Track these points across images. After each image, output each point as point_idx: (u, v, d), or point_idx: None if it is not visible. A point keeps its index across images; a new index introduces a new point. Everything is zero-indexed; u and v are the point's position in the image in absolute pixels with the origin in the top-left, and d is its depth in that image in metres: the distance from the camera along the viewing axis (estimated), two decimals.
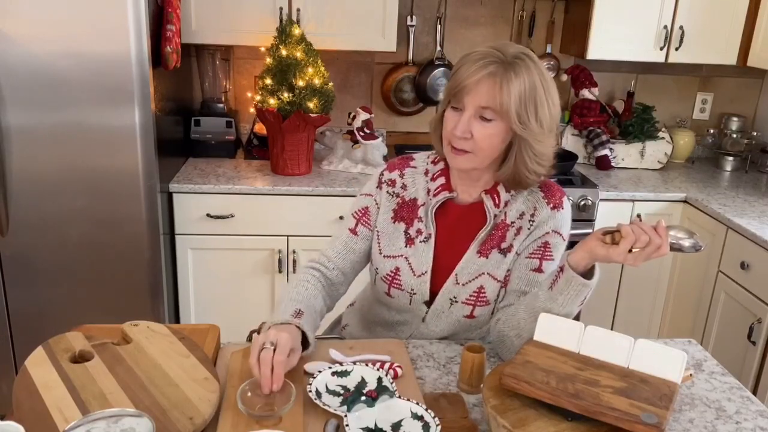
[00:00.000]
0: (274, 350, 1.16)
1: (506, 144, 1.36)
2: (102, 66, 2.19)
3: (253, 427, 1.07)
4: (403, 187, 1.50)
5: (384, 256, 1.49)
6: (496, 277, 1.43)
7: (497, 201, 1.43)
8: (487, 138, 1.32)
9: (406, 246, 1.47)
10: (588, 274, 1.25)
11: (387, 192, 1.51)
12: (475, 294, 1.43)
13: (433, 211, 1.45)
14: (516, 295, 1.42)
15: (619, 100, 3.24)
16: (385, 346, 1.41)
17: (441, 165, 1.49)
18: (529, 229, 1.42)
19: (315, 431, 1.11)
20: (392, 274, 1.48)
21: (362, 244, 1.53)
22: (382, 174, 1.53)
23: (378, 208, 1.51)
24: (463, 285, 1.44)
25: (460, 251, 1.44)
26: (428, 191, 1.48)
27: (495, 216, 1.43)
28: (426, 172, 1.50)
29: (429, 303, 1.47)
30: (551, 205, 1.42)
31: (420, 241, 1.46)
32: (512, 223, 1.43)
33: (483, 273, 1.43)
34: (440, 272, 1.45)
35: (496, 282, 1.43)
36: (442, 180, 1.47)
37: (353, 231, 1.53)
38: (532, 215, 1.42)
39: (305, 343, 1.29)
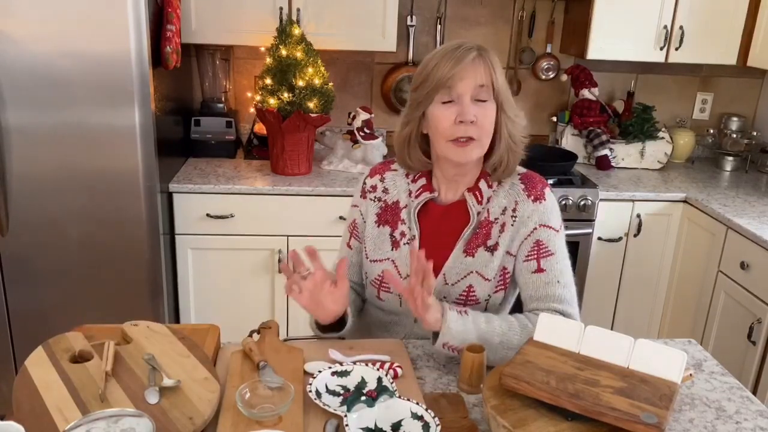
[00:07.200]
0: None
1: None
2: (102, 66, 2.19)
3: (253, 427, 1.07)
4: (385, 191, 1.51)
5: (371, 261, 1.51)
6: (485, 276, 1.42)
7: (479, 198, 1.43)
8: (488, 118, 1.36)
9: (392, 249, 1.48)
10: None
11: (370, 198, 1.53)
12: (465, 293, 1.43)
13: (416, 212, 1.46)
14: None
15: (619, 100, 3.24)
16: (384, 346, 1.41)
17: None
18: (512, 225, 1.41)
19: (315, 431, 1.11)
20: (380, 278, 1.49)
21: (357, 256, 1.57)
22: (365, 182, 1.55)
23: (363, 218, 1.54)
24: (452, 285, 1.44)
25: (445, 251, 1.44)
26: (410, 193, 1.49)
27: (478, 214, 1.43)
28: (407, 175, 1.51)
29: None
30: (532, 197, 1.42)
31: (404, 243, 1.47)
32: (495, 219, 1.43)
33: (471, 272, 1.43)
34: None
35: (485, 281, 1.43)
36: (423, 181, 1.48)
37: (348, 245, 1.57)
38: (514, 210, 1.42)
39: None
